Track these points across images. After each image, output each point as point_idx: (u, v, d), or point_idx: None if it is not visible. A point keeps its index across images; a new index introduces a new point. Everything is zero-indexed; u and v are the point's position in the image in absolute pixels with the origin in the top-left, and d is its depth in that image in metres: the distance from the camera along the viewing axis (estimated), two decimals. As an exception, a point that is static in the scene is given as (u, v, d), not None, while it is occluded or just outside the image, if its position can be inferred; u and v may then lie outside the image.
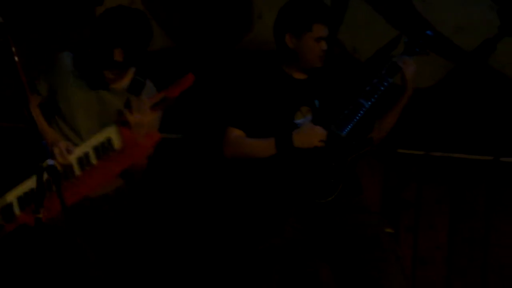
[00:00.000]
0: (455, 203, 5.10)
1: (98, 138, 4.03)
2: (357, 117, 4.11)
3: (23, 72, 3.46)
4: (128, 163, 4.05)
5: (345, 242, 4.07)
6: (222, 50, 5.09)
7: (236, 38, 5.08)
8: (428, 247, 5.10)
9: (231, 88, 4.35)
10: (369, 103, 4.12)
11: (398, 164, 5.09)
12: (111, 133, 4.01)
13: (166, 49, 5.21)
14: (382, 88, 4.14)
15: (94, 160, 4.00)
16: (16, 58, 3.45)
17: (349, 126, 4.11)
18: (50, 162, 3.22)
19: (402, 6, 5.08)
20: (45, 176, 3.25)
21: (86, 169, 3.99)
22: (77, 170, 3.99)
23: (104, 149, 4.00)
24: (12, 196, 3.95)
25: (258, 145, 4.16)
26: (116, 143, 4.00)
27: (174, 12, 5.15)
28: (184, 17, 5.14)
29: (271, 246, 4.04)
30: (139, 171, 4.17)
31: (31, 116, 3.32)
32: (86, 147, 4.02)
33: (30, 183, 3.88)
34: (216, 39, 5.09)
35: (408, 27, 5.03)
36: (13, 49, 3.48)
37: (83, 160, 4.00)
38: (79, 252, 3.91)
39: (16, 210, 3.94)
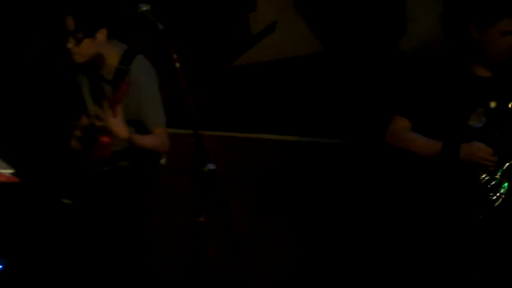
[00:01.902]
0: None
1: None
2: None
3: (183, 78, 3.52)
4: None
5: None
6: (375, 54, 5.04)
7: (390, 41, 5.01)
8: None
9: (405, 78, 4.24)
10: None
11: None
12: None
13: (316, 54, 5.21)
14: None
15: None
16: (177, 65, 3.51)
17: None
18: (211, 166, 3.25)
19: None
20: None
21: None
22: None
23: None
24: None
25: (422, 144, 4.02)
26: None
27: (327, 16, 5.14)
28: (337, 22, 5.12)
29: (420, 251, 3.99)
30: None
31: (196, 122, 3.36)
32: None
33: None
34: (370, 42, 5.05)
35: None
36: (174, 56, 3.54)
37: None
38: None
39: None
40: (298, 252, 5.15)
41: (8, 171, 3.55)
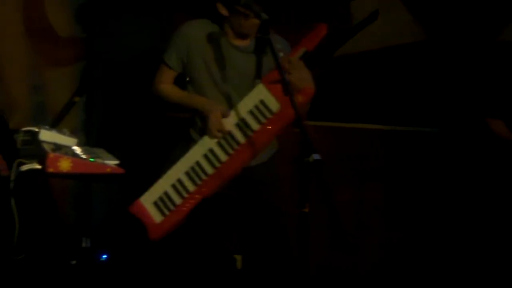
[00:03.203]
0: None
1: (248, 102, 3.99)
2: None
3: (281, 68, 3.50)
4: (286, 122, 3.94)
5: None
6: (480, 42, 4.92)
7: (496, 30, 4.88)
8: None
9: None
10: None
11: None
12: (262, 95, 3.97)
13: (418, 43, 5.12)
14: None
15: (255, 126, 3.97)
16: (281, 54, 3.51)
17: None
18: (316, 156, 3.23)
19: None
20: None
21: (249, 136, 3.96)
22: (240, 138, 3.98)
23: (260, 112, 3.96)
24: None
25: None
26: (273, 104, 3.94)
27: (430, 3, 5.05)
28: (440, 9, 5.02)
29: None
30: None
31: (299, 115, 3.34)
32: (240, 112, 3.98)
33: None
34: (475, 31, 4.94)
35: None
36: (278, 46, 3.54)
37: (243, 127, 3.98)
38: None
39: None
40: (403, 245, 5.09)
41: (113, 162, 3.59)
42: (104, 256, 4.84)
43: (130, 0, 5.51)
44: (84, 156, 3.49)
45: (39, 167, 3.40)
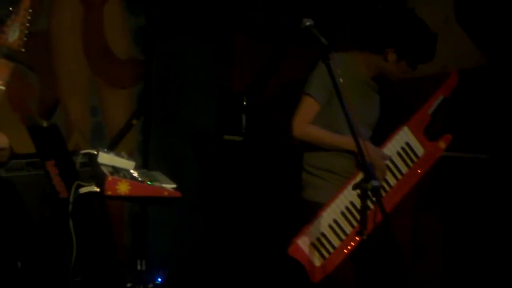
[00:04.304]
0: None
1: (395, 144, 4.01)
2: None
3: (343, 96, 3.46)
4: (429, 165, 4.03)
5: None
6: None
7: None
8: None
9: None
10: None
11: None
12: (407, 137, 4.02)
13: (480, 67, 5.05)
14: None
15: (404, 168, 4.00)
16: (341, 80, 3.47)
17: None
18: (375, 183, 3.19)
19: None
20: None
21: (399, 178, 3.99)
22: (391, 180, 3.99)
23: (407, 155, 4.00)
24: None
25: None
26: (417, 148, 4.02)
27: (491, 28, 4.98)
28: (501, 34, 4.96)
29: None
30: None
31: (357, 136, 3.31)
32: (388, 154, 4.00)
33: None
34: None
35: None
36: (338, 71, 3.50)
37: (393, 169, 3.99)
38: None
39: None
40: (462, 269, 5.02)
41: (171, 186, 3.58)
42: (160, 280, 4.83)
43: (188, 22, 5.54)
44: (142, 179, 3.49)
45: (97, 189, 3.40)
